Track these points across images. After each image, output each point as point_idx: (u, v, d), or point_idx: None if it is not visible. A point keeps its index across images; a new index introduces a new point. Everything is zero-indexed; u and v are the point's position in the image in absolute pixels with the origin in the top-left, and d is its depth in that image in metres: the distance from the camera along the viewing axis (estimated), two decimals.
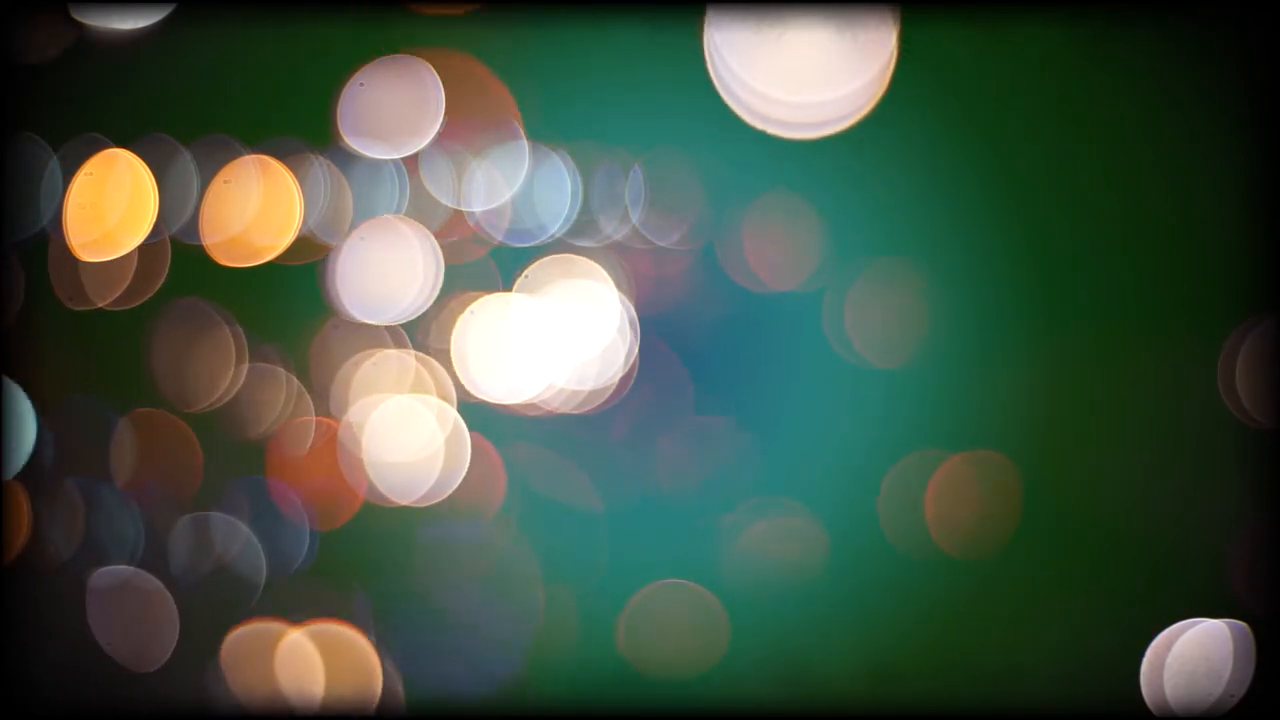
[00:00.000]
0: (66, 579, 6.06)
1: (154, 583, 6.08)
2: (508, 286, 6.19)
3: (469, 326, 6.21)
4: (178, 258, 6.16)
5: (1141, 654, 5.80)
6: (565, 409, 6.20)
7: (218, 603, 6.07)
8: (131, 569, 6.11)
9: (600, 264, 6.22)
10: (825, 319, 6.09)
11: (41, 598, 6.03)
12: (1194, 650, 5.77)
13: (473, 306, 6.22)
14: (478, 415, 6.21)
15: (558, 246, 6.22)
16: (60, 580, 6.05)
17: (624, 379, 6.18)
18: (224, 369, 6.19)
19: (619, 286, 6.20)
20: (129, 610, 6.08)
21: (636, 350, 6.18)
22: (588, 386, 6.19)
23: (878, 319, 6.08)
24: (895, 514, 6.00)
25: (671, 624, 6.04)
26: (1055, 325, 5.99)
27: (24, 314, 6.10)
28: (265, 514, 6.14)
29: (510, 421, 6.20)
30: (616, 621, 6.04)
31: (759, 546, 6.05)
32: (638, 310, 6.20)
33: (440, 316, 6.20)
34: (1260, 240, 5.81)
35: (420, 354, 6.20)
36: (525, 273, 6.17)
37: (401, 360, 6.19)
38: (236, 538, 6.10)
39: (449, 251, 6.20)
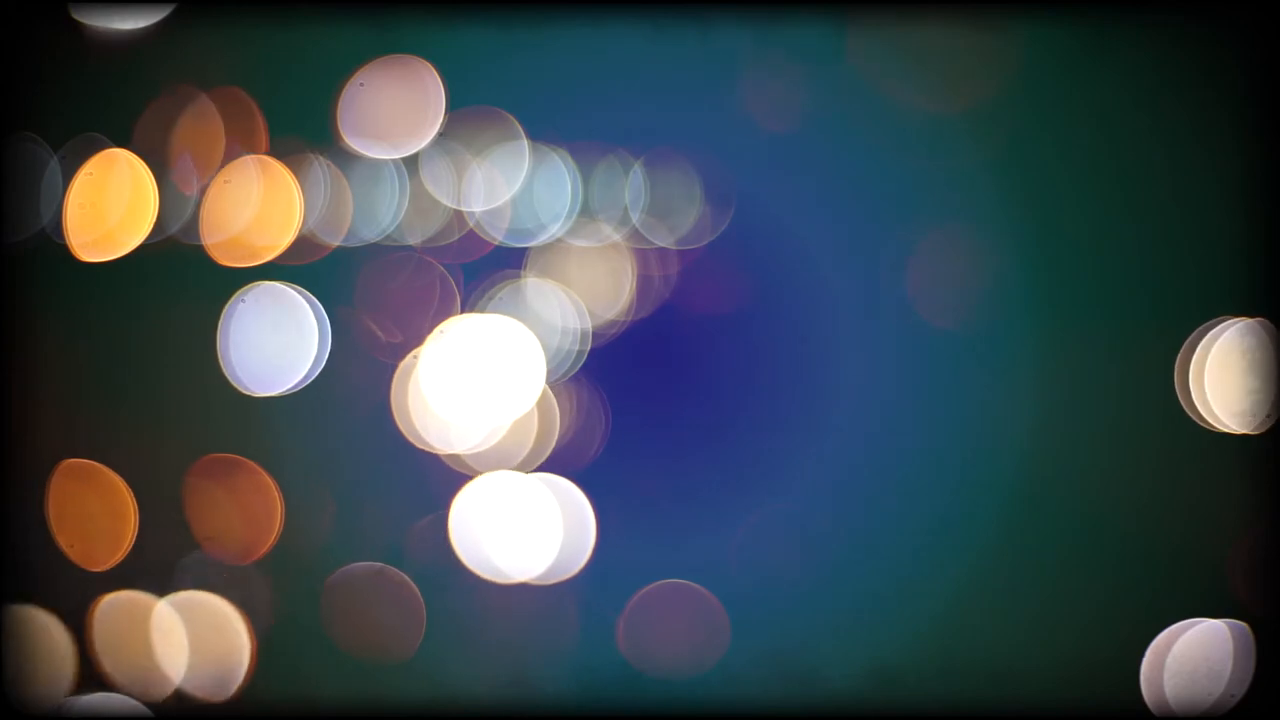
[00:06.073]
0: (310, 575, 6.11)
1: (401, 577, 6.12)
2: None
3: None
4: None
5: (1141, 654, 5.80)
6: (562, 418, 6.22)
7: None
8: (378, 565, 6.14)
9: (599, 263, 6.23)
10: (827, 320, 6.09)
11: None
12: (1194, 650, 5.78)
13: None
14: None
15: (557, 246, 6.23)
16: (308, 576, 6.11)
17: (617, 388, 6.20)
18: None
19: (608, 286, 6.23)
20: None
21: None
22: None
23: (880, 320, 6.08)
24: (897, 513, 6.01)
25: (671, 624, 6.05)
26: (1057, 327, 5.99)
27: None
28: None
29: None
30: (616, 621, 6.05)
31: (759, 546, 6.05)
32: (638, 309, 6.21)
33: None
34: (1263, 242, 5.81)
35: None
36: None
37: None
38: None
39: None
